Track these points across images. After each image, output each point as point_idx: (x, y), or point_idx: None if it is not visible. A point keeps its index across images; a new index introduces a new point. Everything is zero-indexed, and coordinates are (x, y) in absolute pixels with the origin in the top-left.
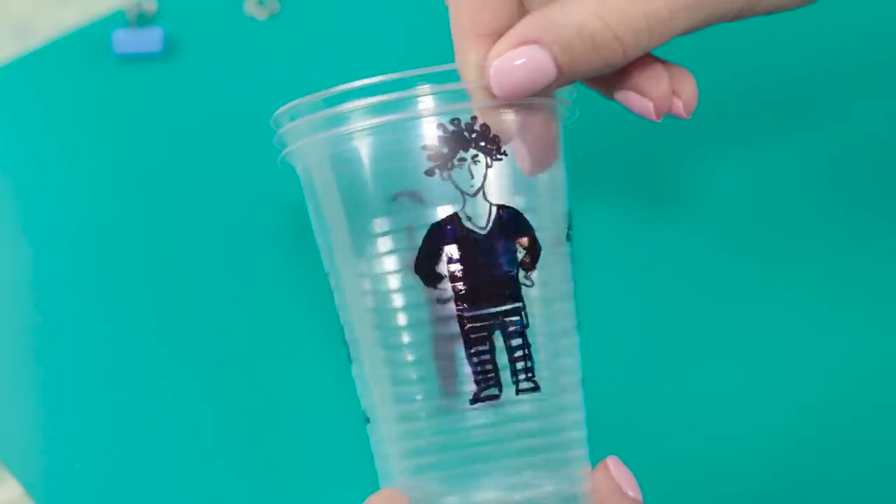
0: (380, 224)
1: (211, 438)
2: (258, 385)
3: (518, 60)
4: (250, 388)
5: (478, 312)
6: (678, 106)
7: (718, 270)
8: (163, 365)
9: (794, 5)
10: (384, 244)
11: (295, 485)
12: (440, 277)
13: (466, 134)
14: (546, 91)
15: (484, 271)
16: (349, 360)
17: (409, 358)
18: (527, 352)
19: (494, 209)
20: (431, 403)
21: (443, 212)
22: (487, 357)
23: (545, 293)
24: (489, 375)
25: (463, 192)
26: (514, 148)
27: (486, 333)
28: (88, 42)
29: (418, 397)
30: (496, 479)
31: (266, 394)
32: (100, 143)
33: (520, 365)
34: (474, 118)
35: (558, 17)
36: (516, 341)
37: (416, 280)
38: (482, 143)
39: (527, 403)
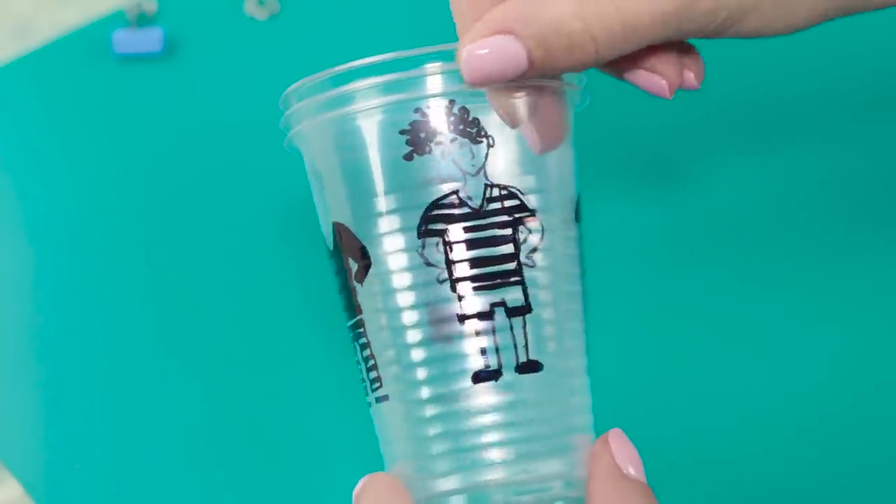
0: (380, 204)
1: (211, 438)
2: (258, 385)
3: (485, 50)
4: (250, 389)
5: (477, 292)
6: (690, 77)
7: (726, 258)
8: (163, 365)
9: (777, 32)
10: (385, 225)
11: (295, 484)
12: (437, 257)
13: (445, 118)
14: (518, 80)
15: (481, 251)
16: (353, 341)
17: (413, 339)
18: (528, 331)
19: (491, 189)
20: (433, 384)
21: (442, 190)
22: (489, 336)
23: (549, 275)
24: (491, 355)
25: (464, 172)
26: (523, 128)
27: (487, 312)
28: (88, 42)
29: (420, 379)
30: (499, 461)
31: (266, 394)
32: (100, 143)
33: (522, 344)
34: (452, 101)
35: (537, 11)
36: (517, 321)
37: (417, 260)
38: (461, 127)
39: (528, 384)
